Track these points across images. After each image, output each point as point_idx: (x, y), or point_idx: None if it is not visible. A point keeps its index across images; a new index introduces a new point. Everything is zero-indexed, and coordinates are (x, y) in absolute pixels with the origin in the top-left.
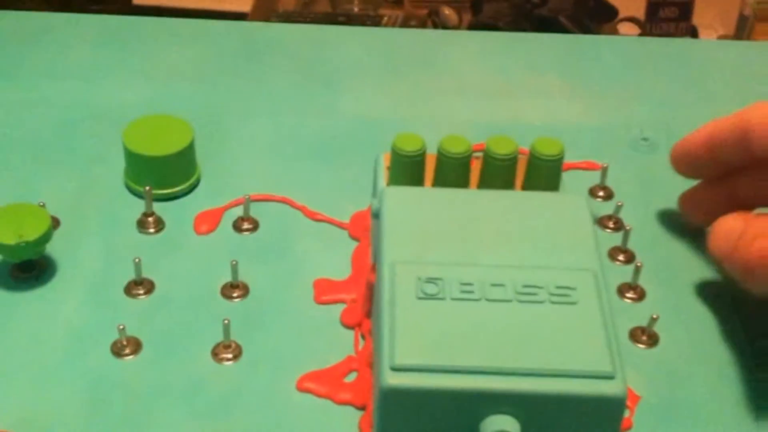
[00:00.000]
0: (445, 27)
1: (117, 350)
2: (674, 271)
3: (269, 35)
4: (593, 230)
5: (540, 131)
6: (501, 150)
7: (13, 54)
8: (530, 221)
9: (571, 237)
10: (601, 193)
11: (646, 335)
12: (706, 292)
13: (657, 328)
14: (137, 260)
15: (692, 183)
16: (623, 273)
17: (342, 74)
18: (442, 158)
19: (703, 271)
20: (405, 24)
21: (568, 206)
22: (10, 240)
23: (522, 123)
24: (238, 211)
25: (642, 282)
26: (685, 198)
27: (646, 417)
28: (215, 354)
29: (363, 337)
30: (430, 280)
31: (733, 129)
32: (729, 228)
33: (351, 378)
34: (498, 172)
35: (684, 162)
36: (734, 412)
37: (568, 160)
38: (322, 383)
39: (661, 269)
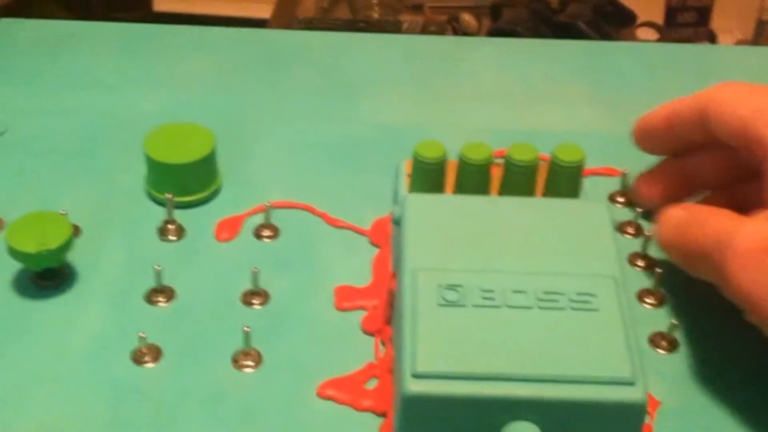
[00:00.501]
0: (464, 33)
1: (138, 358)
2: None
3: (290, 42)
4: (613, 237)
5: (560, 137)
6: (522, 157)
7: (36, 62)
8: (551, 228)
9: (592, 243)
10: (621, 199)
11: (665, 341)
12: (725, 297)
13: (677, 334)
14: (158, 268)
15: None
16: (643, 279)
17: (363, 81)
18: (463, 165)
19: None
20: (425, 30)
21: (589, 213)
22: (32, 248)
23: (542, 129)
24: (259, 219)
25: (662, 287)
26: (641, 179)
27: (666, 423)
28: (236, 361)
29: (383, 343)
30: (451, 287)
31: (693, 106)
32: (671, 215)
33: (372, 385)
34: (519, 179)
35: (644, 136)
36: (755, 417)
37: (587, 166)
38: (343, 390)
39: (680, 274)
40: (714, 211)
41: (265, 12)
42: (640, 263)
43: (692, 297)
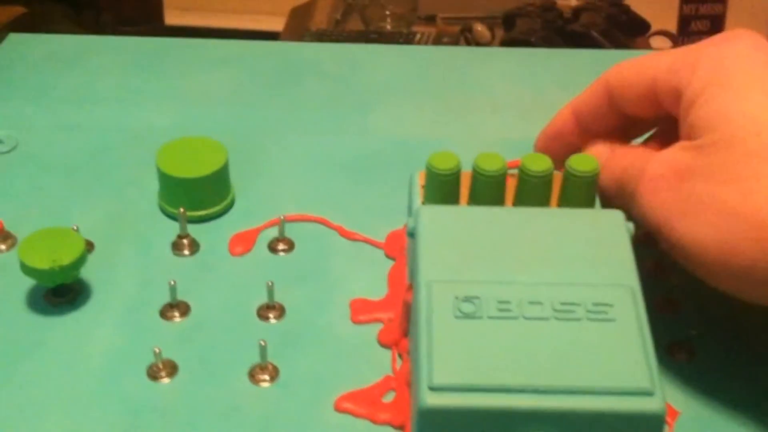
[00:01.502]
0: (477, 43)
1: (153, 373)
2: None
3: (302, 55)
4: (630, 246)
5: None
6: (536, 167)
7: (47, 77)
8: (567, 238)
9: (608, 253)
10: None
11: (683, 350)
12: (743, 304)
13: (694, 342)
14: (172, 283)
15: None
16: (659, 288)
17: (376, 93)
18: (478, 176)
19: None
20: (437, 41)
21: (605, 222)
22: (45, 265)
23: None
24: (274, 232)
25: (678, 296)
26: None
27: None
28: (252, 376)
29: (400, 356)
30: (467, 299)
31: (594, 92)
32: (596, 151)
33: (389, 398)
34: (533, 190)
35: (551, 143)
36: None
37: None
38: (361, 403)
39: (697, 283)
40: (632, 146)
41: (277, 25)
42: (657, 273)
43: (709, 305)
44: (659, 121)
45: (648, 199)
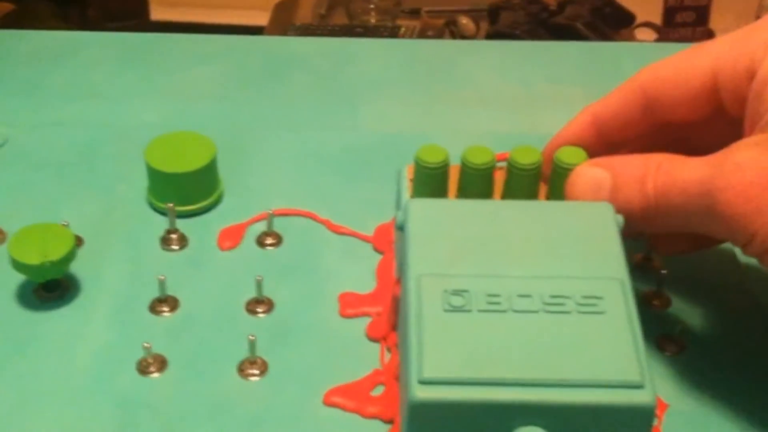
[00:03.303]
0: (462, 36)
1: (143, 368)
2: (699, 277)
3: (288, 49)
4: (619, 238)
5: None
6: (525, 160)
7: (35, 74)
8: (556, 231)
9: (597, 246)
10: None
11: (673, 343)
12: (732, 297)
13: (683, 335)
14: (162, 278)
15: None
16: (649, 280)
17: (362, 87)
18: (466, 169)
19: (730, 277)
20: (422, 34)
21: (594, 215)
22: (35, 260)
23: (543, 132)
24: (262, 227)
25: (667, 289)
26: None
27: (674, 425)
28: (241, 370)
29: (389, 350)
30: (457, 293)
31: (625, 97)
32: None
33: (378, 391)
34: (522, 182)
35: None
36: (763, 419)
37: None
38: (350, 397)
39: (686, 276)
40: (659, 160)
41: (261, 19)
42: (646, 265)
43: (698, 298)
44: (695, 127)
45: (739, 211)
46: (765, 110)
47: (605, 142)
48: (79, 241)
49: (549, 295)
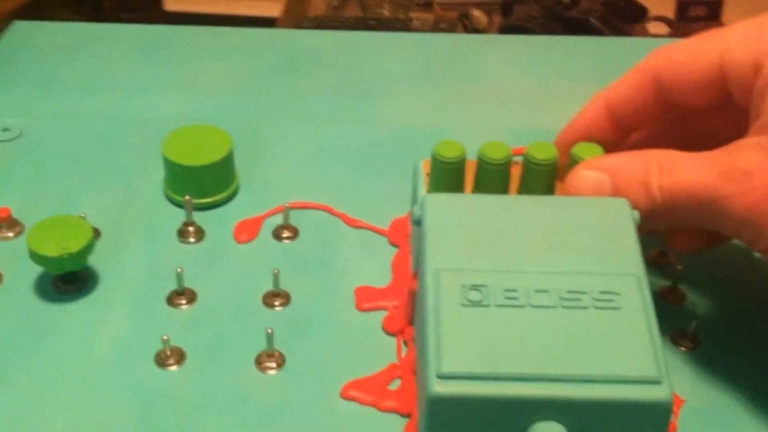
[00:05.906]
0: (475, 29)
1: (161, 361)
2: (714, 273)
3: (305, 43)
4: (636, 234)
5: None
6: (541, 155)
7: (52, 65)
8: (572, 226)
9: (614, 241)
10: None
11: (688, 338)
12: (747, 293)
13: (698, 331)
14: (179, 270)
15: None
16: (664, 276)
17: (379, 82)
18: (483, 164)
19: (744, 272)
20: (435, 27)
21: (610, 210)
22: (53, 252)
23: (559, 128)
24: (278, 220)
25: (682, 284)
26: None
27: (690, 421)
28: (259, 363)
29: (406, 344)
30: (474, 287)
31: (637, 81)
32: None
33: (395, 385)
34: (538, 178)
35: (581, 142)
36: None
37: None
38: (367, 391)
39: (701, 271)
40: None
41: (274, 11)
42: (662, 260)
43: (713, 294)
44: (707, 113)
45: (748, 216)
46: (766, 108)
47: (619, 127)
48: (96, 233)
49: (566, 290)
